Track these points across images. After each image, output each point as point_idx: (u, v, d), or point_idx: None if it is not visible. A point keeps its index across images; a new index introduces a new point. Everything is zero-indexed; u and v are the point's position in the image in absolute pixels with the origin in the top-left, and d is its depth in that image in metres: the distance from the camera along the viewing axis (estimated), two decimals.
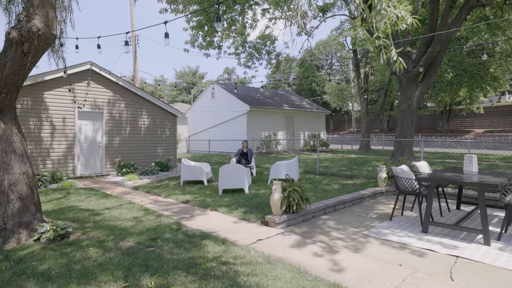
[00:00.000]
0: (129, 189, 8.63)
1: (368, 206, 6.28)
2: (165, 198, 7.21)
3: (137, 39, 20.57)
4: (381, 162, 11.98)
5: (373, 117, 19.25)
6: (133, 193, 8.01)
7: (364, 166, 11.15)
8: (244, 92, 21.67)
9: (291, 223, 4.96)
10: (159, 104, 12.43)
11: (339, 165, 12.06)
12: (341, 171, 10.29)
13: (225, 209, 5.81)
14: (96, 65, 10.58)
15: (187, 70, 63.72)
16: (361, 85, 19.34)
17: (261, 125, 19.25)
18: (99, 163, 10.95)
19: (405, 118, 11.41)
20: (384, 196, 7.16)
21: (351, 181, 8.53)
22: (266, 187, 7.96)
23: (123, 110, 11.52)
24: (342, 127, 44.15)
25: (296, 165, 8.51)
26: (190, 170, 8.77)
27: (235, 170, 7.35)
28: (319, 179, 9.06)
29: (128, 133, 11.63)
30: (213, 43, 12.97)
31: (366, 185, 7.87)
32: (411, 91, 11.28)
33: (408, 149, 11.38)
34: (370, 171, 9.82)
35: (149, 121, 12.19)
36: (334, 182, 8.46)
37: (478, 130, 30.05)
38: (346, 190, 7.35)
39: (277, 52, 17.20)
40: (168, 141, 12.75)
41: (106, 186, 9.01)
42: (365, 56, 19.60)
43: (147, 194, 7.77)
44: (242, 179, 7.29)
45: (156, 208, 6.16)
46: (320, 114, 23.06)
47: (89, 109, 10.65)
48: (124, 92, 11.51)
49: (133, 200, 6.99)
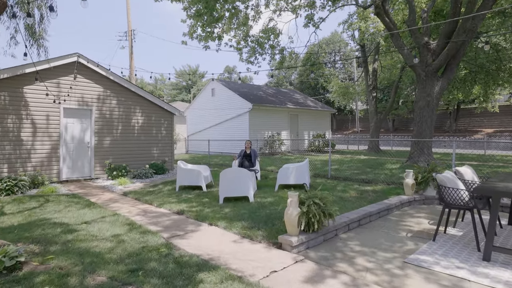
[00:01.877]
0: (118, 195, 7.64)
1: (397, 219, 5.27)
2: (156, 208, 6.20)
3: (133, 33, 19.58)
4: (397, 165, 11.00)
5: (382, 116, 18.23)
6: (122, 200, 7.01)
7: (380, 169, 10.14)
8: (246, 89, 20.66)
9: (310, 245, 3.95)
10: (155, 101, 11.43)
11: (351, 167, 11.05)
12: (355, 175, 9.28)
13: (226, 223, 4.81)
14: (84, 57, 9.58)
15: (187, 69, 62.75)
16: (369, 82, 18.32)
17: (264, 124, 18.25)
18: (87, 165, 9.95)
19: (424, 116, 10.40)
20: (411, 206, 6.15)
21: (369, 187, 7.52)
22: (273, 194, 6.95)
23: (115, 107, 10.51)
24: (346, 126, 43.12)
25: (306, 169, 7.51)
26: (187, 174, 7.78)
27: (238, 175, 6.34)
28: (332, 184, 8.05)
29: (120, 132, 10.63)
30: (213, 34, 11.97)
31: (388, 192, 6.86)
32: (431, 86, 10.27)
33: (427, 150, 10.37)
34: (389, 175, 8.81)
35: (143, 119, 11.19)
36: (350, 188, 7.45)
37: (487, 130, 29.01)
38: (366, 199, 6.34)
39: (281, 47, 16.21)
40: (164, 141, 11.75)
41: (92, 192, 8.01)
42: (373, 51, 18.58)
43: (137, 202, 6.77)
44: (246, 185, 6.29)
45: (144, 221, 5.16)
46: (325, 113, 22.05)
47: (76, 105, 9.65)
48: (115, 88, 10.51)
49: (120, 210, 5.99)
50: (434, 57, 10.28)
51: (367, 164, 11.94)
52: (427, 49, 10.31)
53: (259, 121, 17.96)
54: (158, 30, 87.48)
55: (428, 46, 10.29)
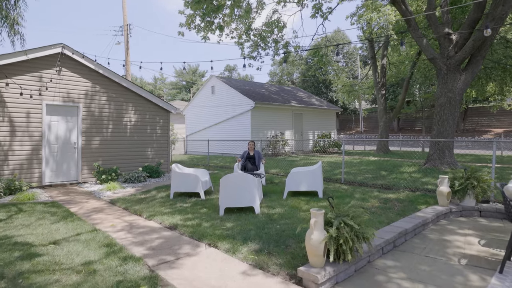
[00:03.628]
0: (104, 203, 6.68)
1: (438, 238, 4.31)
2: (146, 220, 5.25)
3: (129, 28, 18.62)
4: (414, 168, 10.03)
5: (393, 115, 17.26)
6: (107, 210, 6.05)
7: (397, 173, 9.17)
8: (248, 87, 19.69)
9: (339, 279, 3.00)
10: (149, 97, 10.47)
11: (363, 170, 10.09)
12: (371, 179, 8.32)
13: (228, 244, 3.86)
14: (69, 48, 8.63)
15: (186, 68, 61.86)
16: (377, 80, 17.35)
17: (267, 123, 17.28)
18: (74, 168, 8.99)
19: (445, 114, 9.44)
20: (449, 220, 5.19)
21: (392, 194, 6.56)
22: (282, 203, 6.00)
23: (105, 104, 9.56)
24: (349, 126, 42.16)
25: (319, 174, 6.55)
26: (183, 179, 6.82)
27: (242, 182, 5.39)
28: (348, 191, 7.10)
29: (111, 132, 9.67)
30: (213, 25, 11.00)
31: (415, 201, 5.91)
32: (453, 81, 9.31)
33: (448, 152, 9.40)
34: (409, 180, 7.85)
35: (136, 117, 10.24)
36: (370, 196, 6.49)
37: (497, 130, 28.03)
38: (392, 209, 5.39)
39: (285, 41, 15.25)
40: (160, 141, 10.79)
41: (76, 199, 7.06)
42: (382, 46, 17.60)
43: (124, 213, 5.81)
44: (251, 194, 5.33)
45: (128, 240, 4.21)
46: (330, 111, 21.08)
47: (61, 102, 8.70)
48: (105, 83, 9.56)
49: (101, 224, 5.04)
50: (456, 49, 9.32)
51: (380, 166, 10.98)
52: (449, 40, 9.35)
53: (262, 120, 17.00)
54: (157, 30, 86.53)
55: (449, 37, 9.33)
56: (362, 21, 13.77)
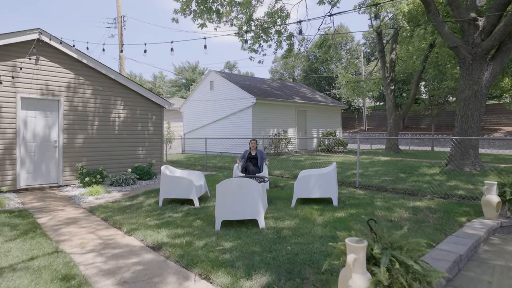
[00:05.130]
0: (82, 211, 5.71)
1: (502, 265, 3.33)
2: (125, 236, 4.28)
3: (123, 20, 17.60)
4: (434, 169, 9.04)
5: (402, 112, 16.25)
6: (82, 221, 5.08)
7: (417, 175, 8.18)
8: (249, 82, 18.68)
9: None
10: (140, 91, 9.48)
11: (378, 172, 9.10)
12: (390, 183, 7.34)
13: (226, 277, 2.89)
14: (47, 34, 7.63)
15: (186, 66, 60.83)
16: (386, 74, 16.34)
17: (269, 120, 16.28)
18: (54, 169, 8.02)
19: (469, 110, 8.45)
20: (502, 237, 4.20)
21: (419, 202, 5.57)
22: (291, 213, 5.02)
23: (90, 98, 8.58)
24: (352, 124, 41.10)
25: (334, 177, 5.56)
26: (174, 184, 5.84)
27: (243, 189, 4.40)
28: (366, 198, 6.11)
29: (97, 129, 8.69)
30: (211, 10, 9.99)
31: (451, 211, 4.92)
32: (479, 72, 8.31)
33: (473, 152, 8.41)
34: (434, 184, 6.86)
35: (126, 113, 9.25)
36: (394, 204, 5.50)
37: (507, 128, 27.01)
38: (427, 223, 4.40)
39: (289, 32, 14.25)
40: (152, 139, 9.80)
41: (50, 206, 6.08)
42: (391, 39, 16.57)
43: (102, 225, 4.84)
44: (254, 204, 4.35)
45: (96, 266, 3.23)
46: (335, 108, 20.07)
47: (38, 95, 7.71)
48: (90, 74, 8.57)
49: (69, 241, 4.06)
50: (483, 36, 8.32)
51: (394, 167, 10.00)
52: (474, 26, 8.35)
53: (264, 117, 16.00)
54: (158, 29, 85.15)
55: (475, 23, 8.33)
56: (370, 13, 12.74)
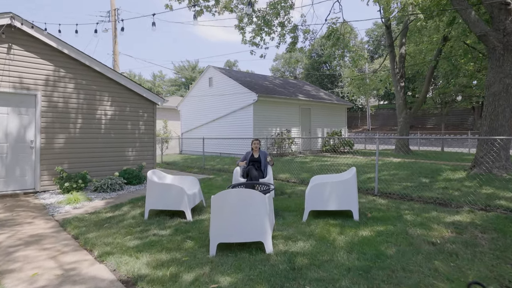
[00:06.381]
0: (52, 226, 4.76)
1: None
2: (94, 263, 3.33)
3: (118, 13, 16.65)
4: (460, 174, 8.06)
5: (413, 110, 15.28)
6: (47, 240, 4.14)
7: (442, 181, 7.22)
8: (250, 78, 17.71)
9: None
10: (130, 86, 8.53)
11: (396, 176, 8.14)
12: (413, 190, 6.38)
13: None
14: (19, 18, 6.67)
15: (186, 65, 59.91)
16: (396, 70, 15.37)
17: (271, 119, 15.32)
18: (30, 174, 7.07)
19: (500, 106, 7.49)
20: None
21: (458, 216, 4.60)
22: (303, 231, 4.06)
23: (72, 93, 7.63)
24: (355, 124, 40.14)
25: (354, 186, 4.61)
26: (162, 193, 4.89)
27: (245, 203, 3.45)
28: (390, 208, 5.15)
29: (80, 127, 7.74)
30: None
31: (504, 230, 3.97)
32: (511, 63, 7.35)
33: (504, 154, 7.45)
34: (467, 192, 5.91)
35: (113, 110, 8.30)
36: (427, 218, 4.55)
37: None
38: (480, 247, 3.45)
39: (293, 24, 13.30)
40: (143, 139, 8.85)
41: (18, 218, 5.14)
42: (401, 33, 15.60)
43: (69, 246, 3.89)
44: (259, 222, 3.40)
45: None
46: (341, 106, 19.10)
47: (10, 89, 6.76)
48: (73, 66, 7.62)
49: (19, 271, 3.12)
50: None
51: (412, 170, 9.03)
52: (506, 11, 7.39)
53: (266, 116, 15.04)
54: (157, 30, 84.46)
55: (507, 7, 7.37)
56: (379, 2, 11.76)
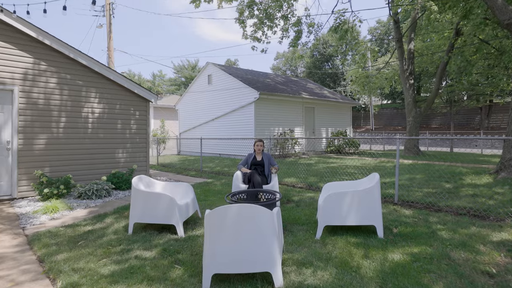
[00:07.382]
0: (18, 242, 4.01)
1: None
2: None
3: (112, 7, 15.91)
4: (485, 178, 7.30)
5: (423, 109, 14.51)
6: (6, 263, 3.39)
7: (467, 186, 6.46)
8: (251, 76, 16.96)
9: None
10: (120, 81, 7.78)
11: (414, 181, 7.37)
12: (436, 197, 5.62)
13: None
14: None
15: (186, 64, 59.18)
16: (405, 67, 14.61)
17: (273, 118, 14.56)
18: (6, 178, 6.32)
19: None
20: None
21: (505, 234, 3.84)
22: (318, 253, 3.31)
23: (54, 89, 6.88)
24: (358, 124, 39.35)
25: (377, 196, 3.85)
26: (150, 203, 4.14)
27: (248, 222, 2.70)
28: (419, 222, 4.39)
29: (63, 127, 6.99)
30: None
31: None
32: None
33: None
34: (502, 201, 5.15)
35: (101, 108, 7.55)
36: (467, 236, 3.79)
37: None
38: None
39: (297, 18, 12.56)
40: (134, 140, 8.11)
41: None
42: (410, 28, 14.83)
43: (29, 273, 3.14)
44: (266, 247, 2.65)
45: None
46: (346, 105, 18.34)
47: None
48: (55, 59, 6.87)
49: None
50: None
51: (429, 173, 8.27)
52: None
53: (268, 115, 14.29)
54: (157, 31, 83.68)
55: None
56: None
